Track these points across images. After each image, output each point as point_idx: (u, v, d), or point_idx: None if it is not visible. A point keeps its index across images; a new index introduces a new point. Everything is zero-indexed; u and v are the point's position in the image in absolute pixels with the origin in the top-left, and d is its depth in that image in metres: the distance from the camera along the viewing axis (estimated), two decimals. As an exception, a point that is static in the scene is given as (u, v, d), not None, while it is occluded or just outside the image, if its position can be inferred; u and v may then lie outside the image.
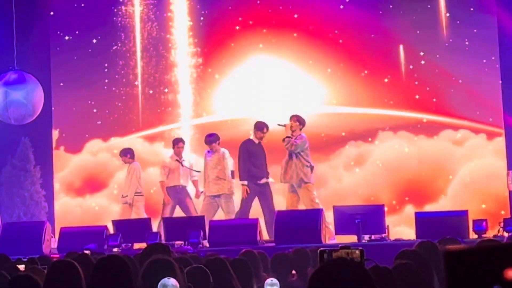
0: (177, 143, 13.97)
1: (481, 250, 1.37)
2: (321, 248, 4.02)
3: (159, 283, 4.54)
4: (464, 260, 1.37)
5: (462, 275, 1.36)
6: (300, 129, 13.07)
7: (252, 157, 13.25)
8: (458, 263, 1.37)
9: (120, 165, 14.50)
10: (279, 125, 13.15)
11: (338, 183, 14.80)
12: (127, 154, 14.09)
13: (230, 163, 13.45)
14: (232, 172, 13.46)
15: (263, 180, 13.31)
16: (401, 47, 14.73)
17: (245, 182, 13.16)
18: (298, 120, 13.12)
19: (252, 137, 13.41)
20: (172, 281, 4.56)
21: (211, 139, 13.55)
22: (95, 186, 15.54)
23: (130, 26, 15.59)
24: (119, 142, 15.36)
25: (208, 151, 13.57)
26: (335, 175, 14.80)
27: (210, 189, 13.46)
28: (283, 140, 12.97)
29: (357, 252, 3.91)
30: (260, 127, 13.39)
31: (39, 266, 6.81)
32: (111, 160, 15.43)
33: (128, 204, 13.91)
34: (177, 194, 13.81)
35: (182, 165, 13.77)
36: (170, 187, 13.82)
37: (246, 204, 13.14)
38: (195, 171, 13.82)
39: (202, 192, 13.64)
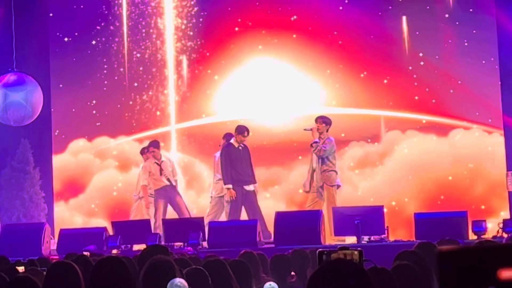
0: (149, 147, 14.03)
1: (475, 250, 1.37)
2: (320, 249, 4.02)
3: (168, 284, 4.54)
4: (458, 261, 1.37)
5: (456, 276, 1.36)
6: (327, 130, 12.94)
7: (232, 162, 13.14)
8: (452, 263, 1.36)
9: (100, 167, 14.55)
10: (305, 129, 13.05)
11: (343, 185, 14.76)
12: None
13: None
14: None
15: (249, 187, 13.20)
16: (400, 48, 14.72)
17: (230, 186, 13.06)
18: (324, 122, 12.94)
19: (232, 141, 13.31)
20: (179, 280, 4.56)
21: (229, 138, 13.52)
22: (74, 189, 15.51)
23: (128, 27, 15.58)
24: (118, 144, 15.37)
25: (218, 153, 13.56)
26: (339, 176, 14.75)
27: (215, 189, 13.50)
28: (311, 145, 12.85)
29: (356, 253, 3.91)
30: (241, 130, 13.26)
31: (38, 268, 6.80)
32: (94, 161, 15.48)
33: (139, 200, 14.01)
34: (167, 193, 13.87)
35: (161, 168, 13.84)
36: (159, 189, 13.87)
37: (235, 208, 13.08)
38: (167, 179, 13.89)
39: (211, 196, 13.66)
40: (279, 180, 14.70)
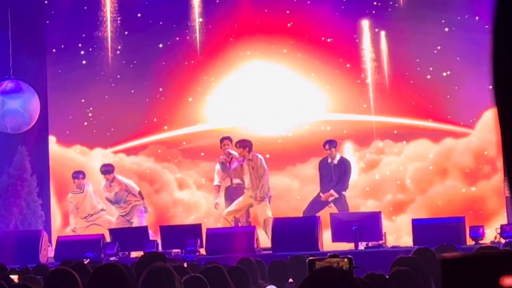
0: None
1: (479, 257, 1.37)
2: (310, 258, 4.00)
3: None
4: (462, 268, 1.37)
5: (460, 283, 1.36)
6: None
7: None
8: (456, 270, 1.36)
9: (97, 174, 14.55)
10: None
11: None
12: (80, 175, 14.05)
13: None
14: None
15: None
16: (397, 54, 14.74)
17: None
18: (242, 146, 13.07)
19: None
20: None
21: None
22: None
23: (126, 34, 15.58)
24: (116, 151, 15.36)
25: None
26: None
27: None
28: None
29: (346, 260, 3.90)
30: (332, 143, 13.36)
31: (34, 276, 6.78)
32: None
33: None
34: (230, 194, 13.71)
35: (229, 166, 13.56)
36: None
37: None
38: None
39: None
40: (275, 187, 14.68)
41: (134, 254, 12.02)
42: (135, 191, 13.78)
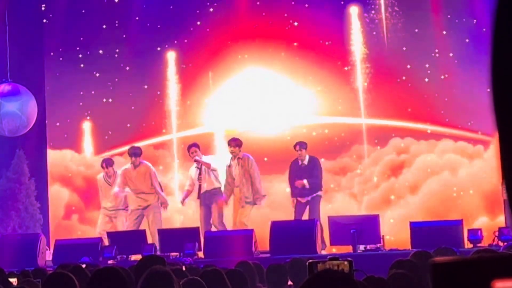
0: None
1: (469, 261, 1.37)
2: (310, 260, 4.01)
3: None
4: (452, 272, 1.37)
5: (450, 287, 1.37)
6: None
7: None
8: (446, 275, 1.37)
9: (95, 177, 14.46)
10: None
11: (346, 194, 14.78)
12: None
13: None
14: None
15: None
16: (395, 58, 14.75)
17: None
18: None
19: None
20: None
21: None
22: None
23: (124, 37, 15.58)
24: (114, 154, 15.36)
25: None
26: (344, 185, 14.79)
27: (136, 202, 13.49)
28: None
29: (346, 263, 3.91)
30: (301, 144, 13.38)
31: (33, 279, 6.79)
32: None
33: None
34: (205, 200, 13.60)
35: (200, 172, 13.46)
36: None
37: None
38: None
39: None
40: (273, 190, 14.69)
41: (132, 257, 12.03)
42: (157, 182, 13.40)
